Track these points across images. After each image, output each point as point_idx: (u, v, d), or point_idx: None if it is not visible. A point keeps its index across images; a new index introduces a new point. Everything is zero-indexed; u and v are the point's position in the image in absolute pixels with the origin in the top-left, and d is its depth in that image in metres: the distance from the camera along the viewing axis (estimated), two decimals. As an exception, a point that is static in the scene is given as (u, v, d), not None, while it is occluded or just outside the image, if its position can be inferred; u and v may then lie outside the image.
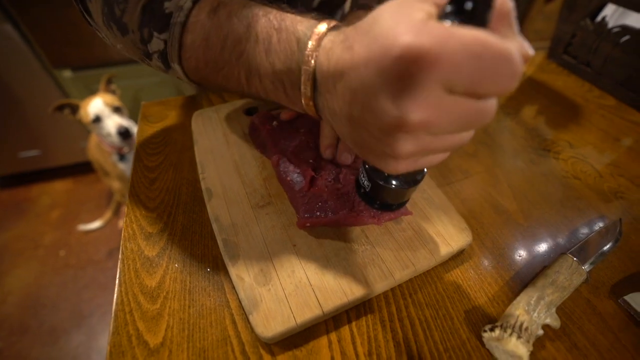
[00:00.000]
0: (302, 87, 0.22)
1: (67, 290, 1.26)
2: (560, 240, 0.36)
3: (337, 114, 0.20)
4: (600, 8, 0.59)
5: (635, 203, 0.40)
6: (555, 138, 0.50)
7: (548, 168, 0.44)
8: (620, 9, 0.57)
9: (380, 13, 0.16)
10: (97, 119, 1.10)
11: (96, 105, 1.09)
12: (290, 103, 0.25)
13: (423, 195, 0.35)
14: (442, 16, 0.15)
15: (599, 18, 0.58)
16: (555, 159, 0.46)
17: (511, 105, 0.56)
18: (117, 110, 1.13)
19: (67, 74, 1.30)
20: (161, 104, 0.50)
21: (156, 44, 0.28)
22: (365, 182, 0.27)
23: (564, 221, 0.38)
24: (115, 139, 1.11)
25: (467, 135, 0.19)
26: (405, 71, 0.14)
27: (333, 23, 0.21)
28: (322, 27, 0.21)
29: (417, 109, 0.15)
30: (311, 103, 0.23)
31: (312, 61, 0.20)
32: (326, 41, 0.20)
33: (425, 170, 0.26)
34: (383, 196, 0.27)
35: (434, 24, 0.14)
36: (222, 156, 0.38)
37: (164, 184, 0.38)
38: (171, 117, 0.48)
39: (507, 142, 0.48)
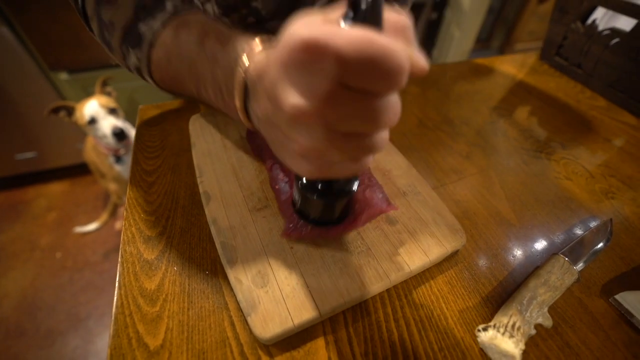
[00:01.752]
0: (235, 95, 0.24)
1: (63, 293, 1.25)
2: (552, 240, 0.36)
3: (260, 118, 0.22)
4: (591, 11, 0.60)
5: (626, 203, 0.41)
6: (548, 139, 0.51)
7: (540, 169, 0.45)
8: (610, 12, 0.59)
9: (292, 21, 0.17)
10: (93, 121, 1.10)
11: (91, 107, 1.09)
12: (230, 112, 0.28)
13: (417, 197, 0.36)
14: (342, 19, 0.17)
15: (589, 21, 0.59)
16: (548, 160, 0.47)
17: (504, 106, 0.57)
18: (112, 111, 1.13)
19: (63, 76, 1.30)
20: (158, 107, 0.50)
21: (132, 60, 0.33)
22: (296, 196, 0.28)
23: (556, 222, 0.38)
24: (111, 140, 1.11)
25: (376, 138, 0.19)
26: (298, 60, 0.15)
27: (268, 40, 0.24)
28: (258, 44, 0.24)
29: (310, 98, 0.16)
30: (243, 111, 0.25)
31: (243, 72, 0.23)
32: (259, 55, 0.22)
33: (356, 183, 0.27)
34: (313, 210, 0.28)
35: (329, 24, 0.16)
36: (220, 160, 0.39)
37: (162, 188, 0.38)
38: (169, 121, 0.48)
39: (500, 143, 0.49)
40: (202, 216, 0.35)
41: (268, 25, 0.43)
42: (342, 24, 0.16)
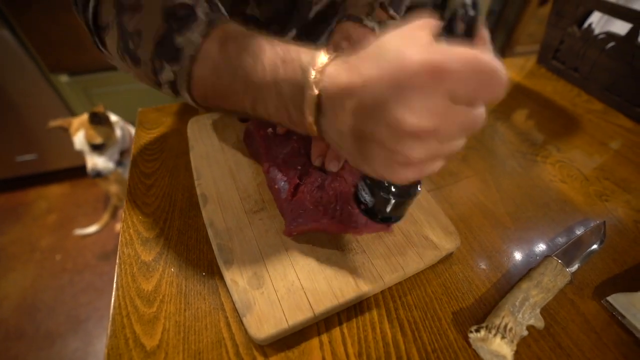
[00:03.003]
0: (307, 112, 0.23)
1: (63, 295, 1.25)
2: (546, 242, 0.37)
3: (343, 132, 0.22)
4: (587, 15, 0.60)
5: (620, 205, 0.41)
6: (544, 142, 0.51)
7: (536, 172, 0.46)
8: (606, 16, 0.59)
9: (388, 40, 0.19)
10: (81, 151, 1.14)
11: (79, 140, 1.12)
12: (293, 126, 0.27)
13: (413, 199, 0.36)
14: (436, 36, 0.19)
15: (585, 25, 0.60)
16: (544, 163, 0.47)
17: (501, 110, 0.58)
18: (97, 148, 1.13)
19: (63, 78, 1.31)
20: (157, 110, 0.51)
21: (167, 75, 0.29)
22: (368, 197, 0.28)
23: (550, 224, 0.39)
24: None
25: (462, 141, 0.21)
26: (420, 83, 0.17)
27: (333, 53, 0.23)
28: (324, 56, 0.23)
29: (430, 117, 0.18)
30: (314, 126, 0.24)
31: (316, 87, 0.22)
32: (330, 69, 0.22)
33: (421, 183, 0.27)
34: (385, 209, 0.28)
35: (438, 44, 0.18)
36: (217, 162, 0.39)
37: (161, 190, 0.39)
38: (167, 124, 0.49)
39: (497, 146, 0.49)
40: (200, 218, 0.36)
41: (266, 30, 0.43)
42: (441, 40, 0.18)
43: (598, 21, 0.61)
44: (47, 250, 1.38)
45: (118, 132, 1.18)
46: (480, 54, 0.16)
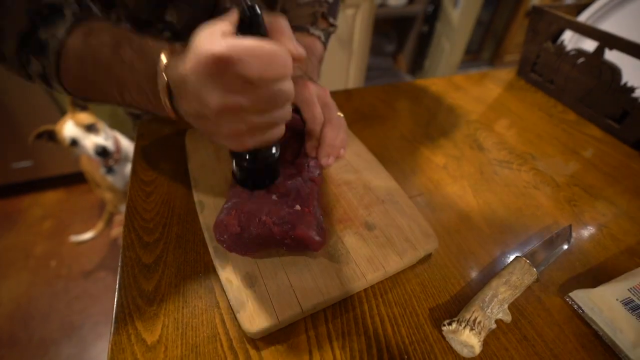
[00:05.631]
0: (162, 97, 0.27)
1: (57, 302, 1.26)
2: (518, 244, 0.40)
3: (189, 113, 0.26)
4: (560, 32, 0.65)
5: (586, 210, 0.45)
6: (520, 151, 0.55)
7: (511, 179, 0.49)
8: (578, 34, 0.63)
9: (196, 36, 0.22)
10: (74, 142, 1.10)
11: (68, 129, 1.09)
12: (158, 110, 0.30)
13: (395, 205, 0.39)
14: (236, 32, 0.24)
15: (559, 41, 0.64)
16: (519, 170, 0.51)
17: (481, 120, 0.61)
18: (90, 128, 1.12)
19: (61, 86, 1.32)
20: (156, 121, 0.54)
21: (35, 68, 0.32)
22: (234, 168, 0.34)
23: (522, 227, 0.42)
24: (95, 159, 1.12)
25: (280, 113, 0.26)
26: (211, 70, 0.21)
27: (177, 45, 0.28)
28: (166, 52, 0.27)
29: (228, 96, 0.22)
30: (171, 109, 0.28)
31: (164, 75, 0.26)
32: (172, 60, 0.26)
33: (273, 149, 0.32)
34: (248, 176, 0.34)
35: (227, 37, 0.21)
36: (214, 171, 0.42)
37: (160, 197, 0.41)
38: (166, 134, 0.51)
39: (476, 155, 0.53)
40: (197, 223, 0.38)
41: (184, 38, 0.46)
42: (239, 35, 0.23)
43: (570, 38, 0.66)
44: (42, 257, 1.39)
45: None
46: (261, 42, 0.21)
